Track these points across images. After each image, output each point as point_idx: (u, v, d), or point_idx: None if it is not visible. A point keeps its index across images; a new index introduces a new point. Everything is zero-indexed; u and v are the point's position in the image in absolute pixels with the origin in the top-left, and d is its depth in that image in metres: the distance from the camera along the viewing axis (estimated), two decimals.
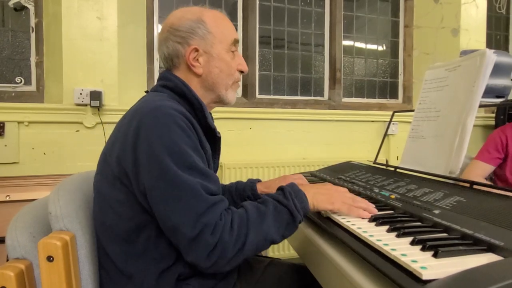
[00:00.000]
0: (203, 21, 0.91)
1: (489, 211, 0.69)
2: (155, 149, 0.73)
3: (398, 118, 2.76)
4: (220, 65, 0.93)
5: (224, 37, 0.94)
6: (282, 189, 0.83)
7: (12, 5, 2.15)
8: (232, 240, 0.71)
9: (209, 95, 0.96)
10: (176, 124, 0.76)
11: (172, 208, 0.71)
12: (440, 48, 2.94)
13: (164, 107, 0.78)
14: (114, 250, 0.80)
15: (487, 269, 0.49)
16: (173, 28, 0.91)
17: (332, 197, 0.85)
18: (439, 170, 0.98)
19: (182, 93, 0.89)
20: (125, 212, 0.78)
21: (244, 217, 0.75)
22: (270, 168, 2.47)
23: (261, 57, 2.72)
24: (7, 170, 2.02)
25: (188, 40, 0.90)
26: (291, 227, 0.79)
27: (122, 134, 0.79)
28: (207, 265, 0.71)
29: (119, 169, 0.78)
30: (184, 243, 0.71)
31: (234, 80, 0.98)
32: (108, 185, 0.81)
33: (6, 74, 2.19)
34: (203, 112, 0.89)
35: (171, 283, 0.78)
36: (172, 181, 0.71)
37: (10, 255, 0.73)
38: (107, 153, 0.83)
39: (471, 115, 0.92)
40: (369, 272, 0.62)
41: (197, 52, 0.91)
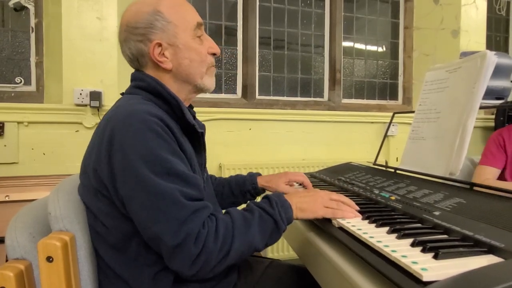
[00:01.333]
0: (160, 12, 0.84)
1: (490, 212, 0.69)
2: (129, 159, 0.70)
3: (398, 120, 2.76)
4: (189, 54, 0.87)
5: (187, 23, 0.87)
6: (268, 197, 0.82)
7: (12, 5, 2.15)
8: (217, 248, 0.70)
9: (186, 87, 0.91)
10: (150, 130, 0.73)
11: (152, 217, 0.69)
12: (440, 50, 2.94)
13: (137, 113, 0.74)
14: (109, 256, 0.80)
15: (488, 271, 0.49)
16: (130, 26, 0.85)
17: (315, 205, 0.83)
18: (439, 172, 0.98)
19: (156, 92, 0.84)
20: (111, 223, 0.77)
21: (229, 225, 0.74)
22: (270, 169, 2.47)
23: (261, 57, 2.72)
24: (6, 170, 2.01)
25: (149, 36, 0.84)
26: (275, 236, 0.78)
27: (96, 145, 0.77)
28: (191, 273, 0.70)
29: (97, 181, 0.76)
30: (166, 252, 0.70)
31: (208, 66, 0.92)
32: (91, 197, 0.79)
33: (6, 74, 2.19)
34: (180, 109, 0.84)
35: (168, 284, 0.78)
36: (149, 190, 0.69)
37: (9, 255, 0.73)
38: (85, 164, 0.81)
39: (472, 116, 0.92)
40: (369, 273, 0.62)
41: (161, 47, 0.85)
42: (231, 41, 2.66)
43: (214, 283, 0.83)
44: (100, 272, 0.83)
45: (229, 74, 2.66)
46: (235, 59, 2.67)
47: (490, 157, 1.70)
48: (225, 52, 2.64)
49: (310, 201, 0.84)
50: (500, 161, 1.68)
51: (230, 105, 2.55)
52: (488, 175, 1.67)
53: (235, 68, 2.67)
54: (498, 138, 1.72)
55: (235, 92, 2.68)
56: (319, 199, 0.84)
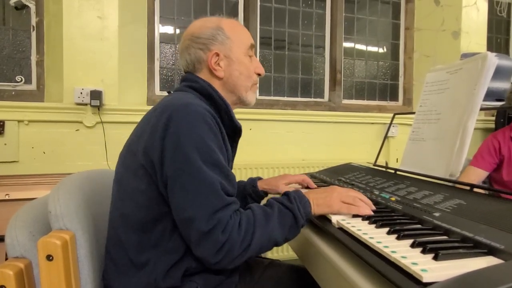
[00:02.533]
0: (222, 28, 0.96)
1: (489, 214, 0.69)
2: (182, 142, 0.75)
3: (398, 121, 2.76)
4: (240, 68, 0.97)
5: (242, 42, 0.98)
6: (287, 194, 0.86)
7: (13, 4, 2.15)
8: (240, 239, 0.74)
9: (230, 97, 0.99)
10: (204, 121, 0.79)
11: (191, 200, 0.73)
12: (440, 51, 2.94)
13: (193, 105, 0.81)
14: (130, 239, 0.82)
15: (487, 272, 0.49)
16: (194, 36, 0.96)
17: (331, 200, 0.86)
18: (440, 173, 0.98)
19: (208, 94, 0.92)
20: (144, 202, 0.80)
21: (251, 218, 0.77)
22: (270, 169, 2.47)
23: (262, 58, 2.72)
24: (6, 168, 2.01)
25: (209, 46, 0.95)
26: (293, 230, 0.81)
27: (151, 126, 0.81)
28: (214, 261, 0.73)
29: (145, 159, 0.79)
30: (195, 237, 0.73)
31: (253, 83, 1.02)
32: (131, 175, 0.83)
33: (7, 72, 2.19)
34: (229, 112, 0.93)
35: (177, 277, 0.80)
36: (194, 174, 0.74)
37: (9, 253, 0.73)
38: (133, 144, 0.85)
39: (472, 118, 0.92)
40: (369, 274, 0.62)
41: (218, 57, 0.95)
42: None
43: (219, 280, 0.84)
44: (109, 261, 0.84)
45: None
46: None
47: (479, 159, 1.76)
48: None
49: (326, 196, 0.87)
50: (489, 164, 1.74)
51: None
52: (473, 175, 1.74)
53: None
54: (492, 141, 1.77)
55: None
56: (335, 194, 0.87)
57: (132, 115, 2.17)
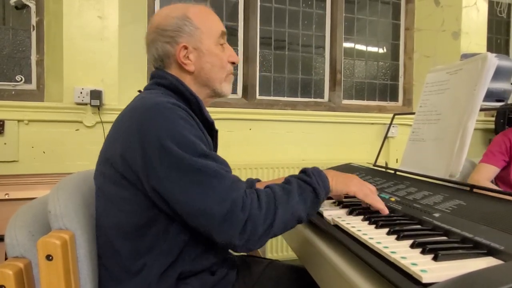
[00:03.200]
0: (189, 18, 0.90)
1: (489, 214, 0.69)
2: (163, 143, 0.72)
3: (398, 121, 2.76)
4: (211, 59, 0.93)
5: (212, 31, 0.93)
6: (304, 170, 0.84)
7: (13, 3, 2.15)
8: (262, 215, 0.71)
9: (204, 90, 0.96)
10: (178, 116, 0.76)
11: (194, 193, 0.71)
12: (440, 51, 2.94)
13: (164, 102, 0.78)
14: (124, 246, 0.79)
15: (487, 273, 0.49)
16: (159, 29, 0.91)
17: (351, 181, 0.85)
18: (439, 173, 0.98)
19: (177, 90, 0.88)
20: (132, 209, 0.78)
21: (271, 195, 0.75)
22: (270, 169, 2.47)
23: (262, 58, 2.72)
24: (6, 168, 2.01)
25: (176, 38, 0.90)
26: (314, 204, 0.80)
27: (123, 133, 0.78)
28: (241, 242, 0.70)
29: (125, 167, 0.77)
30: (215, 224, 0.70)
31: (227, 73, 0.97)
32: (111, 184, 0.80)
33: (7, 72, 2.19)
34: (199, 106, 0.89)
35: (171, 281, 0.79)
36: (188, 168, 0.71)
37: (9, 253, 0.72)
38: (107, 154, 0.82)
39: (472, 118, 0.92)
40: (368, 274, 0.62)
41: (187, 50, 0.90)
42: (232, 41, 2.65)
43: (214, 283, 0.84)
44: (101, 267, 0.83)
45: None
46: None
47: (490, 156, 1.76)
48: None
49: (346, 177, 0.87)
50: (500, 161, 1.74)
51: (231, 105, 2.54)
52: (485, 172, 1.74)
53: (235, 68, 2.67)
54: (503, 139, 1.77)
55: (236, 92, 2.68)
56: (356, 179, 0.87)
57: None
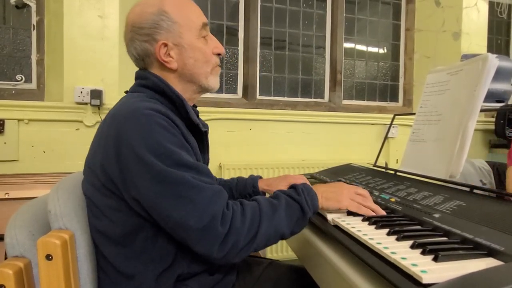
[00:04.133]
0: (165, 11, 0.85)
1: (490, 215, 0.69)
2: (140, 153, 0.70)
3: (398, 121, 2.76)
4: (194, 54, 0.88)
5: (192, 24, 0.88)
6: (294, 186, 0.83)
7: (13, 3, 2.15)
8: (245, 229, 0.70)
9: (190, 86, 0.91)
10: (156, 123, 0.73)
11: (172, 205, 0.69)
12: (441, 52, 2.94)
13: (141, 108, 0.75)
14: (111, 252, 0.79)
15: (487, 274, 0.49)
16: (135, 27, 0.86)
17: (341, 195, 0.84)
18: (440, 174, 0.98)
19: (161, 90, 0.85)
20: (118, 218, 0.77)
21: (256, 208, 0.74)
22: (270, 169, 2.47)
23: (262, 58, 2.72)
24: (6, 167, 2.01)
25: (154, 36, 0.85)
26: (301, 222, 0.79)
27: (103, 141, 0.77)
28: (219, 255, 0.69)
29: (105, 178, 0.76)
30: (193, 236, 0.69)
31: (213, 66, 0.92)
32: (98, 193, 0.79)
33: (7, 71, 2.19)
34: (184, 107, 0.85)
35: (170, 284, 0.78)
36: (165, 180, 0.70)
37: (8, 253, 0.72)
38: (91, 162, 0.81)
39: (472, 119, 0.92)
40: (368, 275, 0.62)
41: (167, 47, 0.85)
42: (232, 41, 2.65)
43: (213, 284, 0.83)
44: (100, 270, 0.82)
45: (230, 74, 2.66)
46: (236, 59, 2.67)
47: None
48: (226, 52, 2.64)
49: (336, 191, 0.85)
50: None
51: (231, 105, 2.54)
52: None
53: (236, 68, 2.67)
54: None
55: (236, 92, 2.67)
56: (345, 191, 0.85)
57: None
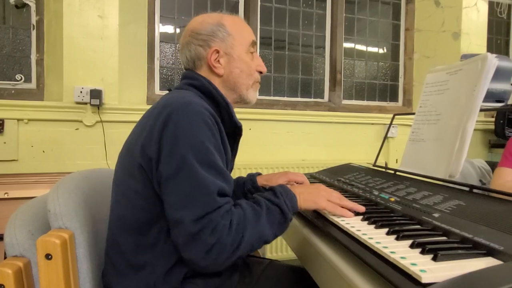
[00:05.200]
0: (223, 25, 0.94)
1: (489, 215, 0.69)
2: (179, 143, 0.74)
3: (398, 121, 2.76)
4: (241, 65, 0.96)
5: (243, 39, 0.97)
6: (272, 189, 0.85)
7: (13, 2, 2.15)
8: (229, 240, 0.72)
9: (231, 94, 0.98)
10: (203, 121, 0.77)
11: (182, 201, 0.72)
12: (440, 52, 2.94)
13: (194, 104, 0.79)
14: (126, 240, 0.81)
15: (487, 273, 0.49)
16: (195, 32, 0.95)
17: (318, 196, 0.86)
18: (439, 174, 0.98)
19: (208, 91, 0.91)
20: (140, 203, 0.79)
21: (241, 218, 0.76)
22: (269, 169, 2.47)
23: (262, 58, 2.70)
24: (6, 167, 2.01)
25: (210, 42, 0.93)
26: (282, 226, 0.81)
27: (149, 125, 0.80)
28: (204, 263, 0.72)
29: (143, 157, 0.78)
30: (184, 238, 0.72)
31: (254, 80, 1.00)
32: (127, 176, 0.82)
33: (7, 71, 2.19)
34: (229, 110, 0.91)
35: (177, 279, 0.79)
36: (189, 176, 0.73)
37: (8, 252, 0.73)
38: (131, 143, 0.84)
39: (472, 119, 0.92)
40: (368, 274, 0.62)
41: (218, 54, 0.93)
42: None
43: (220, 282, 0.84)
44: (108, 263, 0.84)
45: None
46: None
47: (510, 158, 1.65)
48: None
49: (313, 192, 0.87)
50: None
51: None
52: (507, 176, 1.62)
53: None
54: None
55: None
56: (323, 192, 0.87)
57: (132, 114, 2.17)
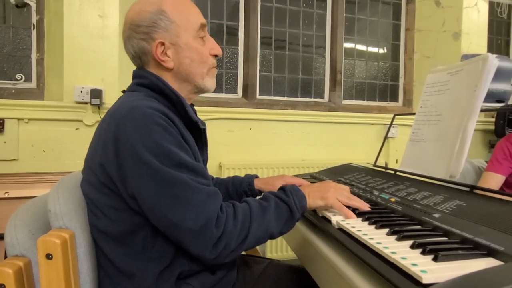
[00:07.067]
0: (164, 11, 0.86)
1: (489, 215, 0.69)
2: (138, 152, 0.71)
3: (398, 121, 2.76)
4: (191, 54, 0.88)
5: (189, 24, 0.88)
6: (283, 188, 0.85)
7: (13, 2, 2.15)
8: (236, 231, 0.72)
9: (186, 86, 0.92)
10: (155, 123, 0.73)
11: (169, 206, 0.70)
12: (441, 52, 2.94)
13: (140, 107, 0.75)
14: (112, 251, 0.80)
15: (487, 274, 0.49)
16: (134, 25, 0.86)
17: (326, 193, 0.86)
18: (440, 174, 0.98)
19: (158, 89, 0.85)
20: (117, 217, 0.78)
21: (247, 211, 0.76)
22: (269, 169, 2.47)
23: (262, 57, 2.72)
24: (6, 167, 2.01)
25: (152, 34, 0.85)
26: (289, 223, 0.81)
27: (102, 140, 0.77)
28: (211, 256, 0.72)
29: (105, 176, 0.76)
30: (187, 237, 0.71)
31: (209, 67, 0.92)
32: (96, 192, 0.79)
33: (7, 70, 2.19)
34: (182, 105, 0.85)
35: (171, 282, 0.78)
36: (162, 180, 0.70)
37: (8, 252, 0.72)
38: (90, 161, 0.82)
39: (472, 119, 0.92)
40: (368, 275, 0.62)
41: (164, 46, 0.86)
42: (232, 40, 2.65)
43: (214, 282, 0.84)
44: (100, 269, 0.82)
45: (230, 74, 2.66)
46: (236, 58, 2.67)
47: (496, 164, 1.70)
48: (226, 51, 2.64)
49: (322, 190, 0.87)
50: (506, 168, 1.68)
51: (231, 104, 2.54)
52: (492, 181, 1.68)
53: (236, 68, 2.67)
54: (506, 144, 1.71)
55: (236, 92, 2.67)
56: (332, 189, 0.87)
57: None
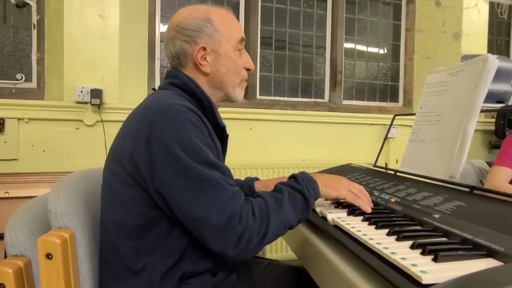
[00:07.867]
0: (210, 20, 0.91)
1: (489, 216, 0.69)
2: (170, 146, 0.73)
3: (398, 122, 2.76)
4: (228, 63, 0.93)
5: (231, 36, 0.94)
6: (294, 176, 0.85)
7: (14, 2, 2.15)
8: (256, 227, 0.73)
9: (217, 93, 0.96)
10: (188, 120, 0.76)
11: (196, 200, 0.71)
12: (441, 52, 2.94)
13: (174, 104, 0.78)
14: (125, 246, 0.80)
15: (487, 274, 0.49)
16: (180, 27, 0.91)
17: (340, 184, 0.87)
18: (440, 175, 0.98)
19: (191, 91, 0.89)
20: (137, 209, 0.78)
21: (263, 205, 0.76)
22: (270, 169, 2.47)
23: (262, 58, 2.72)
24: (6, 166, 2.01)
25: (196, 39, 0.90)
26: (305, 211, 0.81)
27: (133, 131, 0.78)
28: (235, 253, 0.72)
29: (132, 166, 0.77)
30: (211, 233, 0.71)
31: (241, 79, 0.97)
32: (120, 182, 0.80)
33: (7, 70, 2.19)
34: (212, 110, 0.89)
35: (174, 281, 0.79)
36: (190, 175, 0.72)
37: (8, 252, 0.73)
38: (117, 150, 0.82)
39: (472, 120, 0.92)
40: (368, 275, 0.62)
41: (205, 51, 0.91)
42: None
43: (215, 283, 0.84)
44: (104, 266, 0.83)
45: None
46: None
47: (505, 157, 1.67)
48: None
49: (335, 181, 0.88)
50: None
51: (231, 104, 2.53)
52: (502, 175, 1.65)
53: None
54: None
55: None
56: (345, 181, 0.89)
57: None
